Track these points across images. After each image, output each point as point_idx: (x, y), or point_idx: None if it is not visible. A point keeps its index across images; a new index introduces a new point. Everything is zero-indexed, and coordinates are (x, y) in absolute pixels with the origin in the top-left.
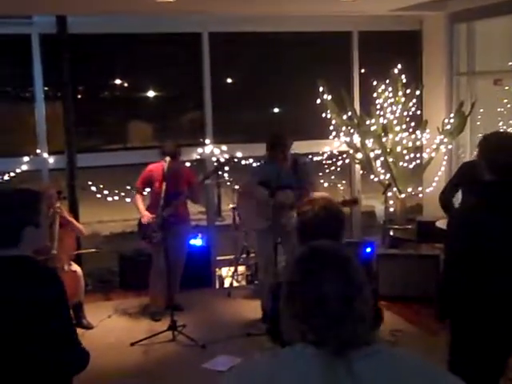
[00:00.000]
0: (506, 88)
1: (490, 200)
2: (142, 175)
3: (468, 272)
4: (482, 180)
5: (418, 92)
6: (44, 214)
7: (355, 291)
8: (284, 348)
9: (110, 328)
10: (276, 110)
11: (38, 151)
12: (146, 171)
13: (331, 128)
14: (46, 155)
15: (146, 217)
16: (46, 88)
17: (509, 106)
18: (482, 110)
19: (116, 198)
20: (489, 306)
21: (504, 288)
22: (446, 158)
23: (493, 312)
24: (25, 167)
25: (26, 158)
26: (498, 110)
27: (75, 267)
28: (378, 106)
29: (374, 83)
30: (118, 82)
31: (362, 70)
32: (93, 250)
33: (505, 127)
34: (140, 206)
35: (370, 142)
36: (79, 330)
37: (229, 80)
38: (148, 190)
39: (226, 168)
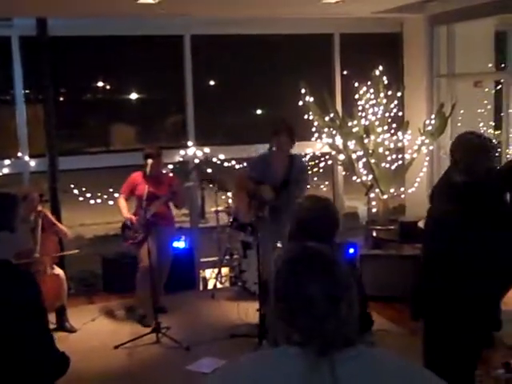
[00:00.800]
0: (486, 90)
1: (464, 202)
2: (125, 183)
3: (443, 274)
4: (455, 182)
5: (399, 93)
6: (20, 218)
7: (341, 292)
8: (269, 349)
9: (94, 331)
10: (259, 111)
11: (19, 154)
12: (129, 179)
13: (313, 130)
14: (27, 158)
15: (129, 217)
16: (26, 91)
17: (489, 107)
18: (462, 112)
19: (99, 200)
20: (462, 308)
21: (478, 291)
22: (427, 158)
23: (466, 314)
24: (6, 170)
25: (6, 161)
26: (479, 111)
27: (58, 271)
28: (360, 108)
29: (356, 85)
30: (100, 84)
31: (344, 72)
32: (75, 252)
33: (485, 128)
34: (123, 210)
35: (352, 144)
36: (62, 334)
37: (211, 82)
38: (132, 197)
39: (209, 170)
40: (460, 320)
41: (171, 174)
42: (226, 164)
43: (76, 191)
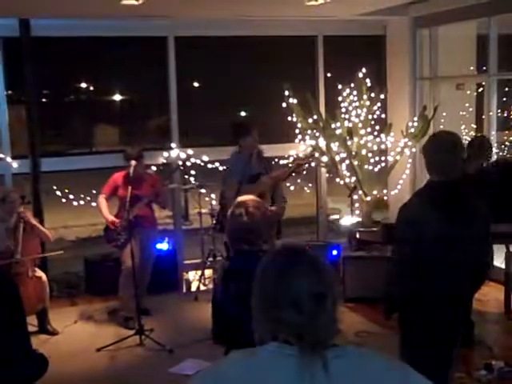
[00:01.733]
0: (468, 92)
1: (432, 200)
2: (107, 183)
3: (412, 272)
4: (429, 182)
5: (382, 96)
6: None
7: (327, 289)
8: (253, 348)
9: (76, 334)
10: (243, 113)
11: (2, 156)
12: (110, 179)
13: (297, 131)
14: (9, 159)
15: (111, 220)
16: (9, 92)
17: (471, 109)
18: (444, 114)
19: (82, 202)
20: (432, 306)
21: (449, 291)
22: (410, 161)
23: (435, 311)
24: None
25: None
26: (461, 113)
27: (40, 273)
28: (344, 110)
29: (339, 87)
30: (83, 85)
31: (328, 74)
32: (58, 253)
33: (467, 130)
34: (104, 210)
35: (335, 146)
36: (44, 337)
37: (195, 84)
38: (113, 197)
39: (192, 171)
40: (429, 319)
41: (153, 172)
42: (209, 165)
43: (59, 193)
